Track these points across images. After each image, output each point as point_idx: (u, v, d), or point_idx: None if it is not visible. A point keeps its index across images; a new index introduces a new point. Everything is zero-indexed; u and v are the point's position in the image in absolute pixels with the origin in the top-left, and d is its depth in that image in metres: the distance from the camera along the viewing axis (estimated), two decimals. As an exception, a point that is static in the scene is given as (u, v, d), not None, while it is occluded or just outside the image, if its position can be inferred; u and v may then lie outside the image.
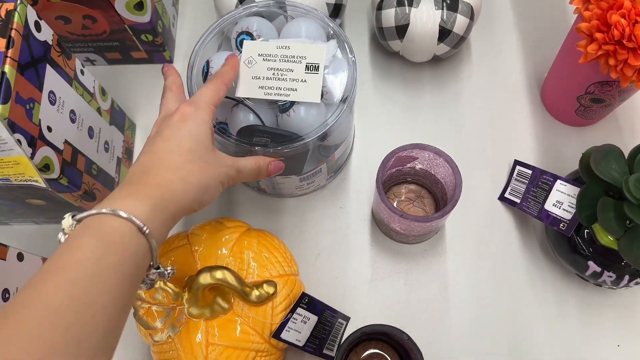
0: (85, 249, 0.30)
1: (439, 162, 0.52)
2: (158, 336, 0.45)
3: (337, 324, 0.52)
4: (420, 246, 0.57)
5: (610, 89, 0.51)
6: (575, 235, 0.50)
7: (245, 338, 0.45)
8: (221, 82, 0.43)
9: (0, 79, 0.38)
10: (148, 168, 0.37)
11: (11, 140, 0.38)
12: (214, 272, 0.43)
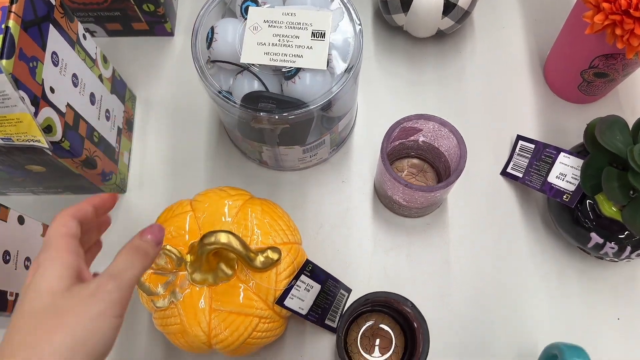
0: None
1: (443, 133, 0.52)
2: (160, 302, 0.45)
3: (339, 295, 0.52)
4: (422, 220, 0.57)
5: (614, 62, 0.51)
6: (578, 207, 0.50)
7: (249, 304, 0.45)
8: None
9: (4, 33, 0.37)
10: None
11: (15, 96, 0.38)
12: (218, 236, 0.43)
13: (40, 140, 0.42)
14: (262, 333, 0.46)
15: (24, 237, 0.45)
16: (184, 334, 0.45)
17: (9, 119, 0.39)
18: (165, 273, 0.46)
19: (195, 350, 0.47)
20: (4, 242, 0.42)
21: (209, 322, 0.45)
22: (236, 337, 0.45)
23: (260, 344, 0.47)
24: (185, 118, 0.62)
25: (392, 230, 0.57)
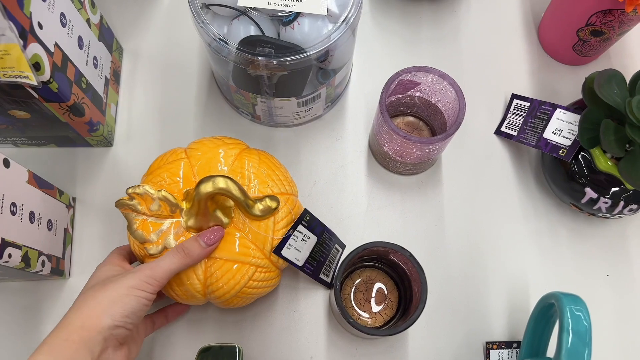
0: None
1: (441, 87, 0.51)
2: (153, 249, 0.44)
3: (333, 249, 0.51)
4: (417, 177, 0.57)
5: (612, 19, 0.52)
6: (572, 163, 0.50)
7: (246, 252, 0.44)
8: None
9: (-9, -44, 0.35)
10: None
11: (3, 24, 0.36)
12: (216, 181, 0.41)
13: (29, 77, 0.40)
14: (258, 282, 0.45)
15: (10, 181, 0.43)
16: (179, 283, 0.44)
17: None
18: (159, 220, 0.44)
19: (190, 299, 0.45)
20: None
21: (204, 270, 0.44)
22: (232, 286, 0.44)
23: (255, 295, 0.46)
24: (174, 71, 0.60)
25: (386, 187, 0.57)
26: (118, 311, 0.38)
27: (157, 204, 0.44)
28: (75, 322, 0.37)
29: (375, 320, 0.52)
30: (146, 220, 0.44)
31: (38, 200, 0.47)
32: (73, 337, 0.36)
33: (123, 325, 0.38)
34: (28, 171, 0.46)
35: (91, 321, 0.37)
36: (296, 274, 0.53)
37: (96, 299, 0.39)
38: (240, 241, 0.44)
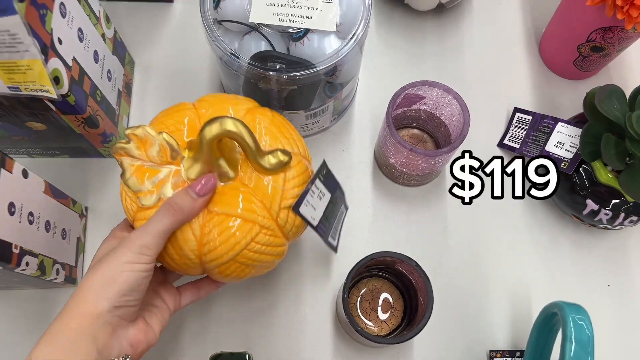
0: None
1: (446, 100, 0.53)
2: (146, 199, 0.39)
3: (341, 210, 0.50)
4: (421, 188, 0.58)
5: (611, 36, 0.53)
6: (574, 175, 0.52)
7: (250, 208, 0.39)
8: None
9: (17, -24, 0.36)
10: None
11: (28, 40, 0.37)
12: (224, 122, 0.37)
13: (50, 91, 0.41)
14: (261, 247, 0.40)
15: (28, 191, 0.44)
16: (172, 241, 0.39)
17: (19, 65, 0.39)
18: (157, 166, 0.40)
19: (183, 265, 0.41)
20: (9, 194, 0.41)
21: (202, 225, 0.39)
22: (231, 246, 0.39)
23: (256, 264, 0.41)
24: (184, 84, 0.62)
25: (392, 198, 0.58)
26: (114, 292, 0.35)
27: (156, 147, 0.39)
28: (73, 310, 0.35)
29: (381, 329, 0.53)
30: (142, 167, 0.40)
31: (53, 210, 0.48)
32: (71, 325, 0.35)
33: (124, 305, 0.36)
34: (44, 181, 0.47)
35: (87, 307, 0.35)
36: (300, 278, 0.54)
37: (91, 282, 0.36)
38: (244, 196, 0.40)
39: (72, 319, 0.35)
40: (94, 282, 0.36)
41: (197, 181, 0.39)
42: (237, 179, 0.40)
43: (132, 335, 0.38)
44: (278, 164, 0.40)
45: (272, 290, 0.54)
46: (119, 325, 0.37)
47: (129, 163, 0.40)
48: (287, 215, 0.41)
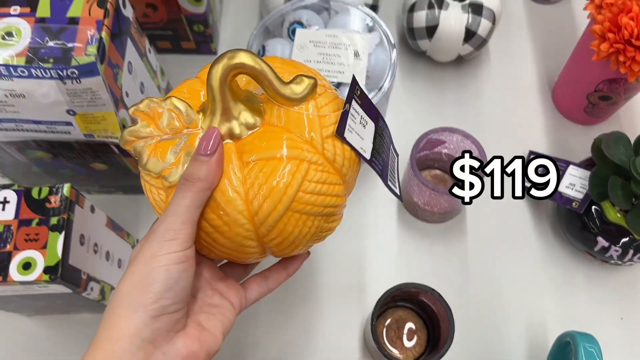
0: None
1: (465, 144, 0.58)
2: (172, 174, 0.34)
3: (392, 154, 0.44)
4: (444, 225, 0.63)
5: (617, 86, 0.58)
6: (585, 214, 0.56)
7: (291, 145, 0.34)
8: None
9: (99, 42, 0.43)
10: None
11: (106, 96, 0.44)
12: (235, 56, 0.32)
13: (118, 137, 0.47)
14: (315, 185, 0.34)
15: (94, 224, 0.50)
16: (213, 208, 0.34)
17: (95, 116, 0.45)
18: (174, 136, 0.35)
19: (237, 243, 0.35)
20: (80, 227, 0.47)
21: (242, 180, 0.34)
22: (283, 189, 0.33)
23: (318, 207, 0.35)
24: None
25: (416, 233, 0.63)
26: (147, 299, 0.29)
27: (167, 116, 0.35)
28: (102, 335, 0.30)
29: (406, 357, 0.57)
30: (158, 143, 0.35)
31: (112, 241, 0.54)
32: (100, 355, 0.29)
33: (162, 312, 0.30)
34: (106, 216, 0.53)
35: (119, 327, 0.29)
36: (331, 309, 0.59)
37: (118, 297, 0.30)
38: (278, 134, 0.34)
39: (101, 347, 0.30)
40: (122, 293, 0.30)
41: (199, 142, 0.33)
42: (264, 124, 0.35)
43: (181, 348, 0.31)
44: (305, 89, 0.35)
45: (303, 320, 0.59)
46: (163, 339, 0.31)
47: (143, 146, 0.35)
48: (333, 145, 0.35)
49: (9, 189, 0.46)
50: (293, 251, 0.38)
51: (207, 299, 0.36)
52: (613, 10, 0.52)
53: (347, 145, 0.36)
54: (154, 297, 0.30)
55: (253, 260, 0.38)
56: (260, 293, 0.39)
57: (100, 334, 0.30)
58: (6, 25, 0.43)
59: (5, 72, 0.42)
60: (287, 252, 0.37)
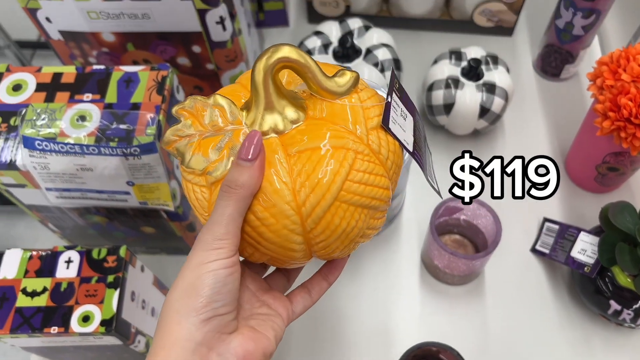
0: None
1: (481, 212, 0.62)
2: (218, 167, 0.34)
3: (427, 150, 0.44)
4: (463, 287, 0.67)
5: (623, 159, 0.63)
6: (598, 278, 0.59)
7: (336, 135, 0.34)
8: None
9: (157, 124, 0.50)
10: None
11: (161, 170, 0.50)
12: (276, 51, 0.33)
13: (169, 205, 0.54)
14: (362, 175, 0.34)
15: (143, 282, 0.56)
16: (263, 200, 0.33)
17: (150, 187, 0.52)
18: (217, 133, 0.35)
19: (282, 238, 0.34)
20: (132, 284, 0.53)
21: (288, 170, 0.33)
22: (331, 178, 0.33)
23: (366, 197, 0.35)
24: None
25: (437, 295, 0.66)
26: (198, 303, 0.31)
27: (210, 113, 0.35)
28: (157, 343, 0.31)
29: (428, 415, 0.59)
30: (201, 140, 0.35)
31: (157, 299, 0.60)
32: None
33: (214, 315, 0.31)
34: (153, 275, 0.59)
35: (172, 333, 0.31)
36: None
37: (170, 302, 0.32)
38: (323, 125, 0.35)
39: (157, 355, 0.31)
40: (172, 300, 0.31)
41: (241, 146, 0.33)
42: (307, 119, 0.36)
43: (237, 346, 0.32)
44: (349, 81, 0.35)
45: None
46: (216, 340, 0.32)
47: (186, 144, 0.35)
48: (377, 137, 0.36)
49: (73, 249, 0.52)
50: (338, 250, 0.37)
51: (255, 310, 0.36)
52: (613, 92, 0.58)
53: (392, 136, 0.36)
54: (204, 301, 0.31)
55: (297, 263, 0.38)
56: (304, 306, 0.40)
57: (155, 343, 0.32)
58: (80, 110, 0.51)
59: (79, 150, 0.49)
60: (333, 250, 0.36)
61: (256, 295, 0.38)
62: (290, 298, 0.40)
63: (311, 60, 0.34)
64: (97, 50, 0.64)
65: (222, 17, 0.58)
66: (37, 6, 0.58)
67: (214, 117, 0.35)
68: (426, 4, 0.82)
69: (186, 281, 0.32)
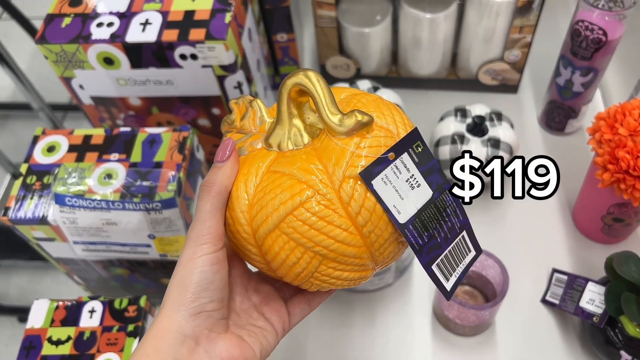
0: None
1: (489, 263, 0.64)
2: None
3: (460, 240, 0.38)
4: (475, 339, 0.67)
5: (626, 209, 0.64)
6: (608, 328, 0.60)
7: (306, 168, 0.34)
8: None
9: (177, 181, 0.54)
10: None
11: (180, 223, 0.54)
12: (297, 74, 0.35)
13: (187, 257, 0.57)
14: (309, 216, 0.33)
15: (161, 332, 0.58)
16: (229, 203, 0.36)
17: (171, 240, 0.55)
18: (244, 132, 0.40)
19: (239, 240, 0.37)
20: (151, 333, 0.55)
21: (257, 184, 0.35)
22: (276, 205, 0.34)
23: (305, 244, 0.34)
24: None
25: (449, 347, 0.67)
26: (187, 297, 0.33)
27: (247, 113, 0.39)
28: (149, 333, 0.34)
29: None
30: (234, 133, 0.41)
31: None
32: (147, 350, 0.33)
33: (201, 310, 0.34)
34: (171, 325, 0.61)
35: (163, 325, 0.33)
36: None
37: (165, 299, 0.34)
38: (306, 157, 0.35)
39: (148, 343, 0.33)
40: (167, 295, 0.34)
41: (217, 151, 0.37)
42: (309, 145, 0.36)
43: (223, 349, 0.34)
44: (353, 124, 0.34)
45: None
46: (205, 337, 0.34)
47: (225, 132, 0.41)
48: (352, 188, 0.33)
49: (96, 299, 0.55)
50: (291, 279, 0.37)
51: (252, 321, 0.38)
52: (611, 145, 0.60)
53: (371, 192, 0.33)
54: (192, 296, 0.33)
55: (273, 275, 0.38)
56: (303, 315, 0.41)
57: (148, 332, 0.34)
58: (107, 169, 0.56)
59: (105, 205, 0.53)
60: (291, 280, 0.37)
61: (256, 307, 0.40)
62: (289, 309, 0.41)
63: (322, 92, 0.35)
64: (125, 114, 0.69)
65: (239, 82, 0.63)
66: (72, 75, 0.63)
67: (247, 117, 0.39)
68: (433, 65, 0.86)
69: (177, 277, 0.34)
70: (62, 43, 0.59)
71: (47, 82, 1.44)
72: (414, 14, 0.78)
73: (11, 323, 1.38)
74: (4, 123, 1.75)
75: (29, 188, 0.56)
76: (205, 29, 0.58)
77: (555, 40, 0.83)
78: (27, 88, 1.20)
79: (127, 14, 0.61)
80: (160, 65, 0.60)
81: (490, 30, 0.79)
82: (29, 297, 1.39)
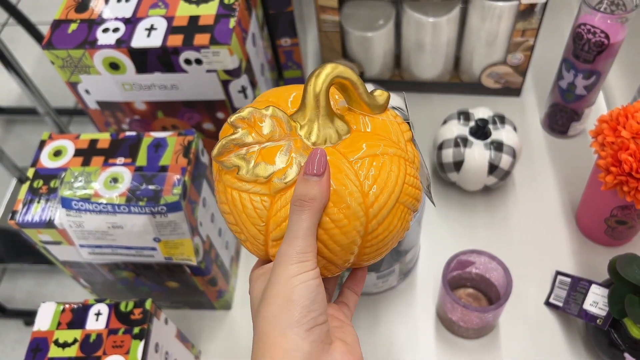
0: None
1: (492, 265, 0.64)
2: (288, 173, 0.36)
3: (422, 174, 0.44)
4: (479, 341, 0.67)
5: (629, 212, 0.64)
6: (612, 331, 0.60)
7: (389, 144, 0.38)
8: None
9: (183, 184, 0.55)
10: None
11: (185, 227, 0.54)
12: (335, 68, 0.37)
13: (192, 259, 0.57)
14: (413, 179, 0.39)
15: (166, 335, 0.58)
16: (336, 201, 0.36)
17: (175, 243, 0.56)
18: (278, 142, 0.37)
19: (348, 239, 0.36)
20: (157, 336, 0.55)
21: (356, 175, 0.36)
22: (394, 181, 0.37)
23: (413, 205, 0.40)
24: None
25: (453, 349, 0.67)
26: (298, 313, 0.32)
27: (269, 122, 0.37)
28: (266, 357, 0.32)
29: None
30: (262, 149, 0.37)
31: (180, 351, 0.62)
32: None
33: (314, 325, 0.33)
34: (176, 328, 0.62)
35: (277, 346, 0.31)
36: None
37: (267, 318, 0.32)
38: (373, 137, 0.38)
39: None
40: (269, 316, 0.32)
41: (306, 163, 0.35)
42: (352, 131, 0.39)
43: (338, 358, 0.34)
44: (386, 99, 0.40)
45: None
46: (322, 351, 0.33)
47: (244, 154, 0.37)
48: (412, 148, 0.41)
49: (102, 302, 0.56)
50: (381, 253, 0.40)
51: (332, 323, 0.38)
52: (614, 148, 0.60)
53: (416, 149, 0.41)
54: (303, 311, 0.32)
55: (340, 270, 0.39)
56: (356, 299, 0.43)
57: (264, 357, 0.32)
58: (113, 172, 0.56)
59: (111, 209, 0.54)
60: (380, 253, 0.40)
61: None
62: (340, 297, 0.42)
63: (357, 77, 0.38)
64: (130, 118, 0.70)
65: (243, 86, 0.64)
66: (78, 80, 0.64)
67: (273, 127, 0.37)
68: (436, 68, 0.87)
69: (280, 295, 0.33)
70: (68, 49, 0.60)
71: (52, 87, 1.45)
72: (417, 18, 0.79)
73: (17, 327, 1.39)
74: (11, 127, 1.77)
75: (35, 192, 0.56)
76: (209, 34, 0.59)
77: (557, 43, 0.84)
78: (33, 93, 1.21)
79: (132, 20, 0.61)
80: (165, 70, 0.61)
81: (493, 33, 0.79)
82: (35, 300, 1.40)
